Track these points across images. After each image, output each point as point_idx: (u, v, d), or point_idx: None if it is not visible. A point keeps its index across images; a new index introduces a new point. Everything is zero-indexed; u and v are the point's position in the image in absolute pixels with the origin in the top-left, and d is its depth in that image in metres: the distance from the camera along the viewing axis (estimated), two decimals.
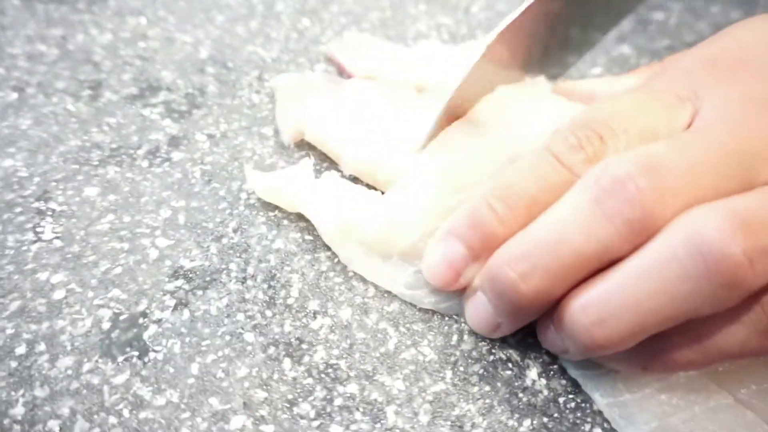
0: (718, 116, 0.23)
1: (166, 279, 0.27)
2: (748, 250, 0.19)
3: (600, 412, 0.24)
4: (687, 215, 0.20)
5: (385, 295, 0.27)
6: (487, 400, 0.24)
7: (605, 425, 0.24)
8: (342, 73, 0.36)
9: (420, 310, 0.27)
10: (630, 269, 0.21)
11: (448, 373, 0.25)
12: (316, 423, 0.23)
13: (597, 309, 0.21)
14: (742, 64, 0.25)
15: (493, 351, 0.26)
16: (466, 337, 0.26)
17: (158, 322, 0.26)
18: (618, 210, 0.21)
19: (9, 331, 0.25)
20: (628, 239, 0.21)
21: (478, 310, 0.25)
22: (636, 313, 0.21)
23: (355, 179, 0.30)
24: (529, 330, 0.26)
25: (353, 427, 0.23)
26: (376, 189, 0.29)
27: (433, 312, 0.27)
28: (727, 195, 0.21)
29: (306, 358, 0.25)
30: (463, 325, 0.26)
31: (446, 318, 0.27)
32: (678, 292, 0.20)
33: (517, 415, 0.24)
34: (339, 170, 0.31)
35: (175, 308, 0.26)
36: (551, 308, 0.23)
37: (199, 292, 0.27)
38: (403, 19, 0.40)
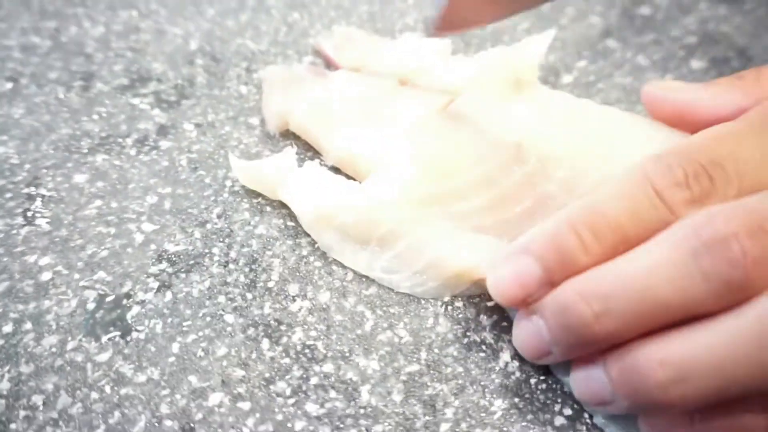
0: None
1: (151, 262, 0.28)
2: None
3: (570, 394, 0.25)
4: None
5: (364, 279, 0.28)
6: (460, 381, 0.25)
7: (575, 406, 0.25)
8: (329, 65, 0.36)
9: (397, 294, 0.27)
10: (721, 329, 0.20)
11: (423, 355, 0.26)
12: (291, 400, 0.24)
13: (678, 366, 0.20)
14: None
15: (468, 334, 0.26)
16: (441, 320, 0.27)
17: (141, 303, 0.26)
18: (717, 269, 0.20)
19: None
20: (722, 299, 0.20)
21: (531, 333, 0.23)
22: (720, 376, 0.20)
23: (337, 170, 0.31)
24: (504, 313, 0.27)
25: (328, 405, 0.24)
26: (356, 179, 0.30)
27: (410, 296, 0.27)
28: None
29: (284, 339, 0.26)
30: (439, 308, 0.27)
31: (423, 302, 0.27)
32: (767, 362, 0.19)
33: (489, 395, 0.25)
34: (322, 159, 0.31)
35: (158, 290, 0.27)
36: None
37: (182, 275, 0.27)
38: (391, 13, 0.41)
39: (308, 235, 0.29)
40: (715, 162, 0.22)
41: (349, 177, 0.30)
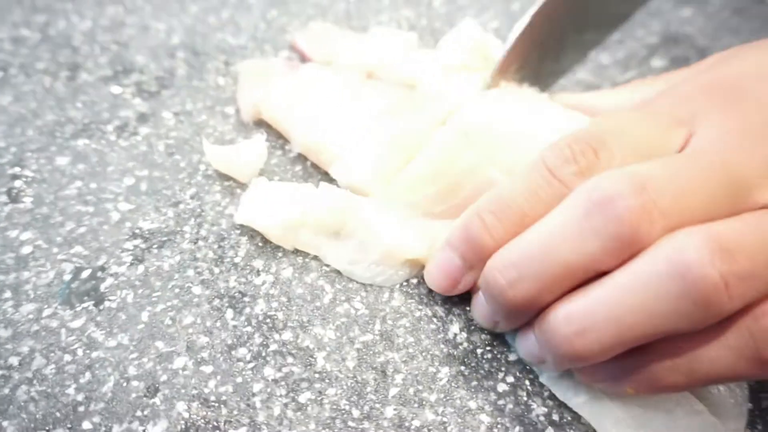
0: (712, 143, 0.24)
1: (125, 238, 0.29)
2: (725, 274, 0.20)
3: (514, 363, 0.27)
4: (671, 236, 0.21)
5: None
6: (410, 350, 0.27)
7: (518, 374, 0.26)
8: (304, 59, 0.38)
9: None
10: (613, 284, 0.22)
11: (377, 326, 0.27)
12: (251, 365, 0.26)
13: (579, 320, 0.22)
14: (741, 94, 0.25)
15: (420, 307, 0.28)
16: (396, 294, 0.28)
17: (115, 275, 0.28)
18: (606, 226, 0.21)
19: None
20: (615, 255, 0.22)
21: (479, 308, 0.27)
22: (616, 326, 0.21)
23: (304, 158, 0.33)
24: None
25: (285, 369, 0.26)
26: (321, 168, 0.32)
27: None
28: (714, 219, 0.21)
29: (247, 310, 0.27)
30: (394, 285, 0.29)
31: None
32: (657, 308, 0.21)
33: (437, 364, 0.26)
34: (286, 150, 0.33)
35: (131, 264, 0.29)
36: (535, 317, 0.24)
37: (155, 251, 0.29)
38: (366, 10, 0.43)
39: None
40: (598, 139, 0.24)
41: (313, 166, 0.32)
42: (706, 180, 0.22)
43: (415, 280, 0.29)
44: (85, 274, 0.28)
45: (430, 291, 0.28)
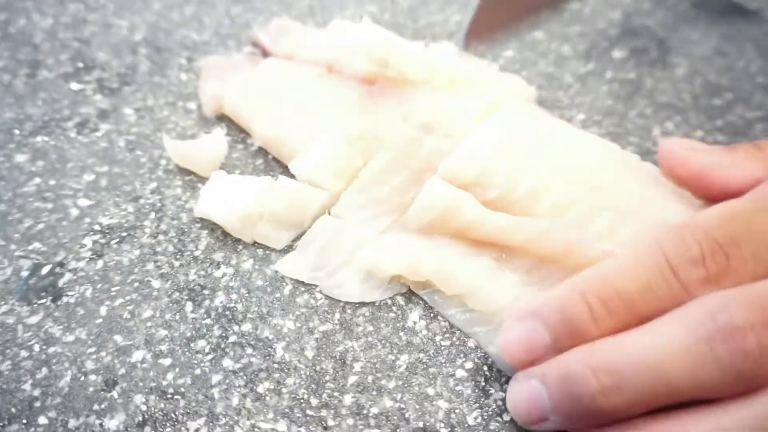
0: None
1: (84, 234, 0.29)
2: None
3: (473, 349, 0.27)
4: None
5: (286, 248, 0.30)
6: (370, 339, 0.27)
7: (476, 360, 0.27)
8: (266, 54, 0.38)
9: None
10: (730, 418, 0.20)
11: (337, 315, 0.28)
12: (209, 357, 0.26)
13: None
14: None
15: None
16: None
17: (74, 271, 0.28)
18: (731, 358, 0.20)
19: None
20: (732, 387, 0.20)
21: (531, 398, 0.23)
22: None
23: (265, 152, 0.33)
24: None
25: (243, 360, 0.26)
26: (282, 161, 0.32)
27: None
28: None
29: (206, 302, 0.28)
30: None
31: None
32: None
33: (395, 351, 0.27)
34: (249, 142, 0.34)
35: (90, 259, 0.29)
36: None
37: (114, 245, 0.29)
38: (330, 6, 0.43)
39: None
40: (731, 240, 0.22)
41: (274, 160, 0.33)
42: None
43: None
44: (43, 270, 0.28)
45: (390, 280, 0.29)
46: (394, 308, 0.28)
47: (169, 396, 0.25)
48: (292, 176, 0.31)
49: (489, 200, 0.28)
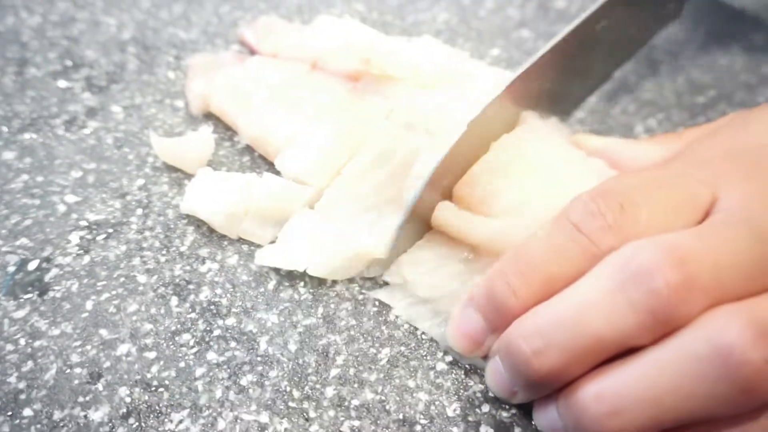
0: (741, 213, 0.23)
1: (71, 230, 0.30)
2: None
3: None
4: (711, 316, 0.20)
5: (270, 244, 0.30)
6: (352, 332, 0.27)
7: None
8: (252, 52, 0.39)
9: None
10: (650, 362, 0.21)
11: (320, 310, 0.28)
12: (194, 350, 0.26)
13: (612, 399, 0.21)
14: (763, 160, 0.25)
15: (363, 292, 0.29)
16: (339, 280, 0.29)
17: (60, 266, 0.28)
18: (643, 300, 0.20)
19: None
20: (651, 330, 0.21)
21: (495, 375, 0.25)
22: (652, 408, 0.20)
23: (251, 150, 0.33)
24: None
25: (227, 353, 0.26)
26: (268, 158, 0.33)
27: None
28: (750, 296, 0.21)
29: (192, 297, 0.28)
30: None
31: None
32: (696, 391, 0.20)
33: (377, 345, 0.27)
34: (235, 141, 0.34)
35: (76, 255, 0.29)
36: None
37: (101, 241, 0.29)
38: (318, 4, 0.43)
39: None
40: (624, 195, 0.23)
41: (260, 157, 0.33)
42: (743, 256, 0.21)
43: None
44: (30, 265, 0.28)
45: (374, 278, 0.29)
46: (376, 303, 0.28)
47: (154, 388, 0.25)
48: (278, 173, 0.32)
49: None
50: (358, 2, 0.44)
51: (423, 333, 0.28)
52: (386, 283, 0.29)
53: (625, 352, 0.21)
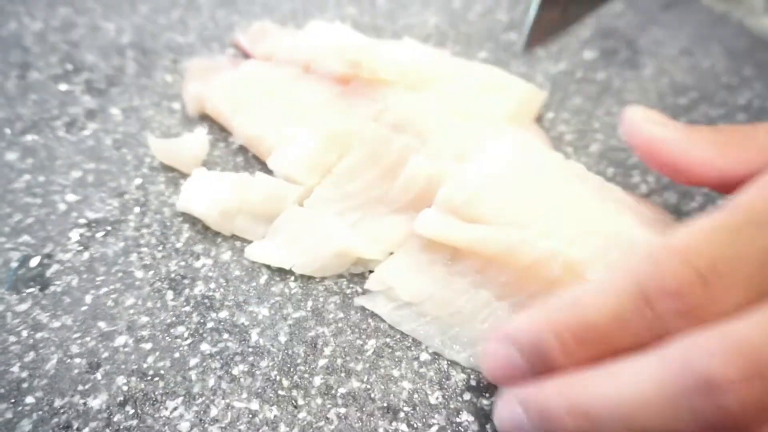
0: None
1: (71, 227, 0.31)
2: None
3: None
4: None
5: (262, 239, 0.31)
6: (340, 324, 0.29)
7: None
8: (247, 56, 0.40)
9: None
10: None
11: (309, 303, 0.29)
12: (188, 341, 0.28)
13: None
14: None
15: (351, 286, 0.30)
16: (328, 276, 0.30)
17: (60, 262, 0.30)
18: (709, 414, 0.19)
19: None
20: None
21: (513, 422, 0.23)
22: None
23: (245, 150, 0.35)
24: None
25: (220, 344, 0.28)
26: (261, 158, 0.34)
27: None
28: None
29: (186, 291, 0.29)
30: None
31: None
32: None
33: (364, 336, 0.28)
34: (230, 141, 0.35)
35: (76, 251, 0.30)
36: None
37: (100, 238, 0.31)
38: (312, 9, 0.45)
39: None
40: (712, 268, 0.20)
41: (254, 157, 0.34)
42: None
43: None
44: (32, 261, 0.30)
45: (362, 274, 0.30)
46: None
47: (149, 377, 0.26)
48: (270, 173, 0.33)
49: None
50: (350, 6, 0.45)
51: None
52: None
53: None
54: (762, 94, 0.42)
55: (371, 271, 0.30)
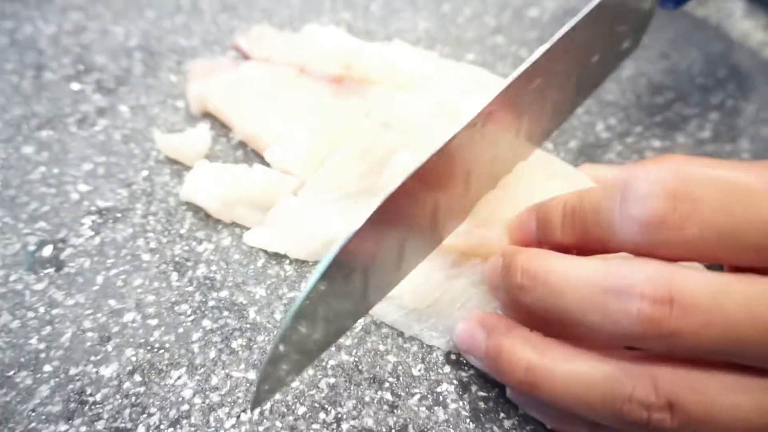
0: None
1: (84, 215, 0.34)
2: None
3: None
4: None
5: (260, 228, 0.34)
6: None
7: None
8: (246, 58, 0.42)
9: None
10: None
11: (303, 285, 0.32)
12: (191, 318, 0.30)
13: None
14: None
15: None
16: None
17: (74, 246, 0.32)
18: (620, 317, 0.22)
19: None
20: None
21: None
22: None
23: (244, 145, 0.37)
24: None
25: (220, 321, 0.30)
26: (259, 153, 0.36)
27: None
28: None
29: (189, 273, 0.32)
30: None
31: None
32: None
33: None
34: (230, 137, 0.38)
35: (88, 236, 0.33)
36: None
37: (110, 225, 0.33)
38: (308, 14, 0.47)
39: None
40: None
41: (253, 151, 0.37)
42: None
43: None
44: (47, 245, 0.32)
45: None
46: None
47: (156, 350, 0.29)
48: (268, 165, 0.35)
49: None
50: (345, 12, 0.48)
51: None
52: None
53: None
54: (734, 95, 0.45)
55: None
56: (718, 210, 0.22)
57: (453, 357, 0.30)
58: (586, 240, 0.26)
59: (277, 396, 0.28)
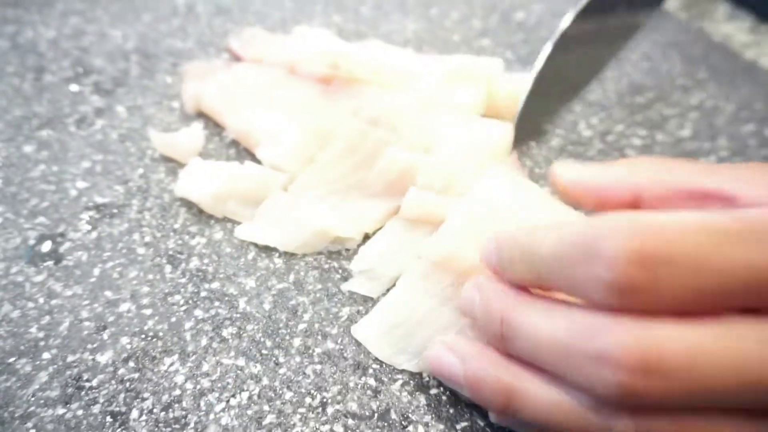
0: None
1: (82, 210, 0.35)
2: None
3: None
4: None
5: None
6: (318, 294, 0.32)
7: None
8: (239, 59, 0.44)
9: None
10: None
11: (291, 276, 0.33)
12: (183, 308, 0.31)
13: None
14: None
15: (329, 262, 0.34)
16: (308, 253, 0.34)
17: (72, 240, 0.34)
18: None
19: None
20: None
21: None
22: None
23: (237, 143, 0.39)
24: (358, 248, 0.34)
25: (212, 311, 0.31)
26: (251, 150, 0.38)
27: None
28: None
29: (182, 265, 0.33)
30: None
31: None
32: None
33: (339, 305, 0.32)
34: (223, 136, 0.39)
35: (86, 231, 0.34)
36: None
37: (107, 220, 0.35)
38: (300, 17, 0.49)
39: None
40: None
41: (245, 149, 0.38)
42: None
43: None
44: (47, 239, 0.34)
45: (339, 251, 0.34)
46: (340, 271, 0.33)
47: (150, 338, 0.30)
48: (259, 162, 0.37)
49: None
50: (336, 14, 0.49)
51: (378, 298, 0.33)
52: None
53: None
54: (714, 95, 0.46)
55: (347, 249, 0.34)
56: (694, 270, 0.20)
57: None
58: (544, 285, 0.25)
59: (265, 381, 0.29)
